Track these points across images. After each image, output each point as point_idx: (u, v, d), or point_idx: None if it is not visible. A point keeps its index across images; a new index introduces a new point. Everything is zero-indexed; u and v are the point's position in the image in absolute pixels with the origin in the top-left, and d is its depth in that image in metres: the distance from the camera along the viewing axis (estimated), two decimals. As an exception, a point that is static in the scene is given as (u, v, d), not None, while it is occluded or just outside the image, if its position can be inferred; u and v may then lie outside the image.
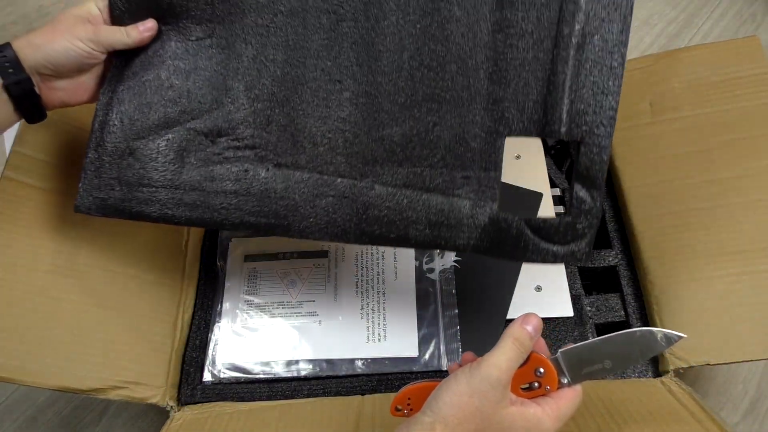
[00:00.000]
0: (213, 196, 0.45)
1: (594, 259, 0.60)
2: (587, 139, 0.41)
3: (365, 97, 0.43)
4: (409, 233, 0.44)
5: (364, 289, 0.59)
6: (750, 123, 0.56)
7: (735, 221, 0.54)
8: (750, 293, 0.51)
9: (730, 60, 0.59)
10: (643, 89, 0.63)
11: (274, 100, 0.45)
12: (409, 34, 0.42)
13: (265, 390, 0.55)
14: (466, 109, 0.43)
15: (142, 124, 0.45)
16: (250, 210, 0.45)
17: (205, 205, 0.45)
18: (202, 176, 0.45)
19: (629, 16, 0.40)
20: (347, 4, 0.43)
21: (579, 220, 0.42)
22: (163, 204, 0.45)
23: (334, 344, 0.57)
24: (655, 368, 0.54)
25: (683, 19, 0.92)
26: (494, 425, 0.34)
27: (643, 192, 0.60)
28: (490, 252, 0.45)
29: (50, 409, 0.65)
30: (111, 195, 0.45)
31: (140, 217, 0.45)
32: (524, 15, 0.41)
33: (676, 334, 0.37)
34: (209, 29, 0.45)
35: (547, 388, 0.37)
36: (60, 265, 0.48)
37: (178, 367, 0.56)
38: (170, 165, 0.44)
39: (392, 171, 0.44)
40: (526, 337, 0.36)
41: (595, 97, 0.41)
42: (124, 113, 0.45)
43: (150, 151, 0.45)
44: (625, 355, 0.37)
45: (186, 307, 0.59)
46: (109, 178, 0.45)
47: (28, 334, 0.45)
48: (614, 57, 0.41)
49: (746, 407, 0.63)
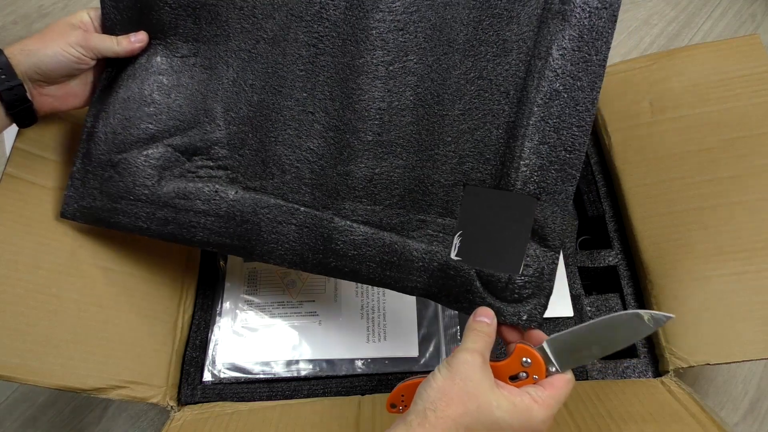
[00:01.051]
0: (184, 213, 0.45)
1: (594, 259, 0.60)
2: (544, 197, 0.41)
3: (334, 131, 0.44)
4: (362, 269, 0.45)
5: (364, 289, 0.59)
6: (750, 122, 0.56)
7: (735, 220, 0.54)
8: (750, 293, 0.51)
9: (730, 59, 0.59)
10: (643, 89, 0.63)
11: (249, 124, 0.45)
12: (381, 75, 0.43)
13: (265, 390, 0.55)
14: (428, 155, 0.43)
15: (124, 138, 0.45)
16: (217, 230, 0.46)
17: (176, 221, 0.46)
18: (175, 193, 0.45)
19: (599, 81, 0.40)
20: (327, 39, 0.43)
21: (528, 281, 0.41)
22: (138, 217, 0.46)
23: (334, 344, 0.57)
24: (655, 368, 0.54)
25: (683, 19, 0.92)
26: (483, 406, 0.35)
27: (643, 192, 0.60)
28: (440, 299, 0.44)
29: (50, 409, 0.65)
30: (93, 204, 0.46)
31: (116, 227, 0.47)
32: (493, 66, 0.42)
33: (663, 315, 0.36)
34: (195, 48, 0.46)
35: (535, 377, 0.37)
36: (61, 264, 0.48)
37: (178, 367, 0.56)
38: (148, 180, 0.45)
39: (353, 206, 0.44)
40: (482, 324, 0.38)
41: (557, 154, 0.40)
42: (109, 126, 0.46)
43: (130, 165, 0.45)
44: (612, 340, 0.37)
45: (186, 307, 0.59)
46: (92, 188, 0.46)
47: (29, 332, 0.45)
48: (582, 116, 0.40)
49: (746, 407, 0.63)
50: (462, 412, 0.34)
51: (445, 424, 0.34)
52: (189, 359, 0.57)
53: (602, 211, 0.63)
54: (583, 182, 0.65)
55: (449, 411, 0.34)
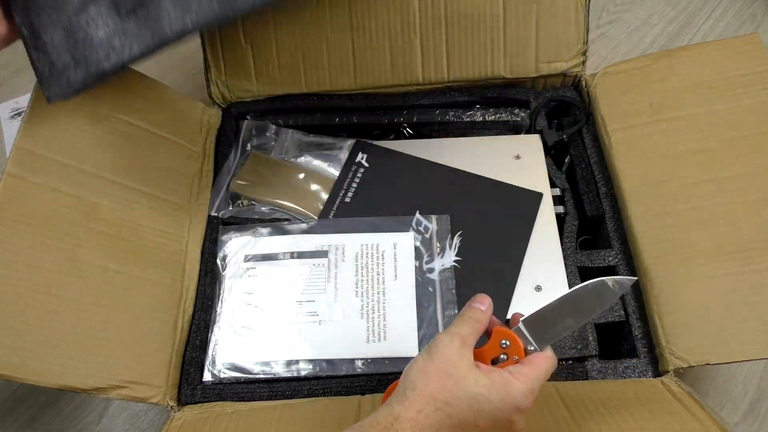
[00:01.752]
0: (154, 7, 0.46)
1: (594, 259, 0.60)
2: None
3: None
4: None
5: (364, 289, 0.59)
6: (751, 121, 0.56)
7: (735, 220, 0.54)
8: (750, 292, 0.51)
9: (730, 58, 0.59)
10: (643, 89, 0.63)
11: None
12: None
13: (265, 390, 0.55)
14: None
15: (67, 14, 0.46)
16: None
17: (146, 23, 0.46)
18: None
19: None
20: None
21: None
22: (117, 50, 0.47)
23: (334, 344, 0.57)
24: (655, 368, 0.54)
25: (683, 19, 0.92)
26: (461, 383, 0.35)
27: (643, 192, 0.60)
28: None
29: (50, 409, 0.65)
30: (71, 74, 0.47)
31: (104, 76, 0.48)
32: None
33: (627, 279, 0.39)
34: None
35: (516, 358, 0.38)
36: (61, 263, 0.48)
37: (178, 367, 0.56)
38: (107, 16, 0.46)
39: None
40: (475, 311, 0.39)
41: None
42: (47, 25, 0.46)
43: (84, 21, 0.46)
44: (583, 310, 0.39)
45: (186, 307, 0.59)
46: (63, 66, 0.47)
47: (30, 332, 0.45)
48: None
49: (746, 407, 0.63)
50: (440, 388, 0.35)
51: (423, 400, 0.35)
52: (189, 359, 0.57)
53: (602, 211, 0.63)
54: (583, 182, 0.65)
55: (428, 388, 0.35)
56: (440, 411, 0.35)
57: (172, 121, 0.64)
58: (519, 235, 0.61)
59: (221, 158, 0.68)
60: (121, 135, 0.58)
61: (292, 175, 0.67)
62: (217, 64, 0.70)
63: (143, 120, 0.60)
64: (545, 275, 0.59)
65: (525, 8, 0.66)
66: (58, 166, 0.50)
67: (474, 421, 0.35)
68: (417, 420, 0.34)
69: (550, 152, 0.69)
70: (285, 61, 0.69)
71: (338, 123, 0.71)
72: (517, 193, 0.64)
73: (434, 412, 0.35)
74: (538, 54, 0.68)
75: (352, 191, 0.66)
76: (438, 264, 0.60)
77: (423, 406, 0.35)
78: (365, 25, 0.67)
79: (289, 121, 0.72)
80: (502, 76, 0.70)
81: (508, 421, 0.36)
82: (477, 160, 0.67)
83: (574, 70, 0.69)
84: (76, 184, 0.52)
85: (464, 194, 0.64)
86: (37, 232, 0.47)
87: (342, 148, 0.69)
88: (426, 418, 0.35)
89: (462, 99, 0.71)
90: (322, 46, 0.68)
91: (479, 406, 0.35)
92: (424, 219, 0.63)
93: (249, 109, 0.72)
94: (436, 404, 0.35)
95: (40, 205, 0.48)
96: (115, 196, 0.55)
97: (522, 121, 0.70)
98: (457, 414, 0.35)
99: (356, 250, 0.61)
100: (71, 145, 0.51)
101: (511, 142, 0.69)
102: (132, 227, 0.56)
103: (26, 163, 0.48)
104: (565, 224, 0.63)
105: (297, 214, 0.65)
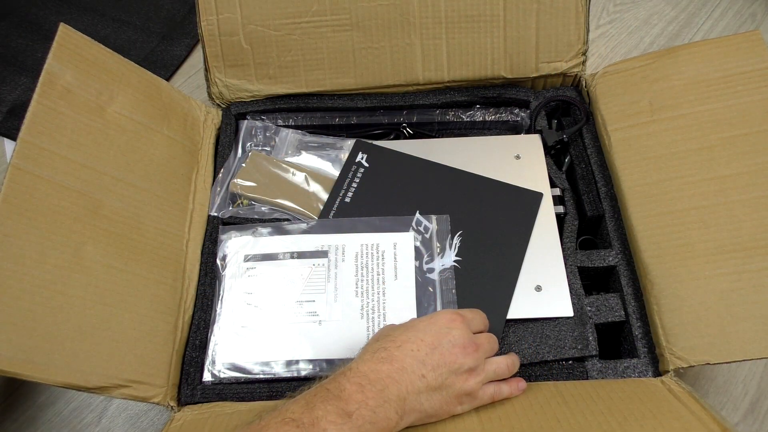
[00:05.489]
0: None
1: (594, 259, 0.60)
2: None
3: None
4: None
5: (364, 289, 0.59)
6: (751, 119, 0.56)
7: (735, 219, 0.54)
8: (751, 292, 0.51)
9: (731, 56, 0.59)
10: (643, 88, 0.63)
11: None
12: None
13: (265, 390, 0.55)
14: None
15: None
16: None
17: None
18: None
19: None
20: None
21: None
22: None
23: (334, 344, 0.57)
24: (655, 368, 0.54)
25: (683, 18, 0.92)
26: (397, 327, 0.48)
27: (643, 191, 0.59)
28: None
29: (50, 409, 0.65)
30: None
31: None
32: None
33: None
34: None
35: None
36: (66, 260, 0.48)
37: (179, 367, 0.56)
38: None
39: None
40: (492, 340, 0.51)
41: None
42: None
43: None
44: None
45: (186, 307, 0.59)
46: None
47: (35, 328, 0.44)
48: None
49: (746, 407, 0.63)
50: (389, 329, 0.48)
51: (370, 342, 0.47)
52: (189, 359, 0.57)
53: (602, 211, 0.63)
54: (583, 182, 0.65)
55: (373, 339, 0.48)
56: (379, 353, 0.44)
57: (173, 119, 0.64)
58: (519, 235, 0.61)
59: (221, 158, 0.68)
60: (123, 132, 0.58)
61: (291, 175, 0.67)
62: (217, 64, 0.70)
63: (144, 117, 0.60)
64: (545, 275, 0.59)
65: (525, 8, 0.66)
66: (63, 161, 0.49)
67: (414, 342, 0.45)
68: (358, 369, 0.43)
69: (550, 152, 0.69)
70: (285, 61, 0.69)
71: (338, 123, 0.71)
72: (517, 193, 0.64)
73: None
74: (538, 54, 0.69)
75: (352, 191, 0.66)
76: (438, 264, 0.60)
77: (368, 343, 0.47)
78: (365, 25, 0.67)
79: (289, 121, 0.72)
80: (502, 76, 0.70)
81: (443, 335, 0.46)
82: (477, 160, 0.67)
83: (574, 69, 0.69)
84: (80, 180, 0.52)
85: (464, 194, 0.64)
86: (42, 227, 0.47)
87: (342, 148, 0.69)
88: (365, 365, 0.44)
89: (462, 99, 0.71)
90: (322, 46, 0.69)
91: (411, 327, 0.46)
92: (424, 219, 0.63)
93: (249, 109, 0.72)
94: (379, 338, 0.45)
95: (45, 199, 0.47)
96: (117, 194, 0.55)
97: (522, 121, 0.71)
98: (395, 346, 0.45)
99: (356, 250, 0.61)
100: (74, 141, 0.50)
101: (511, 142, 0.69)
102: (134, 225, 0.56)
103: (31, 156, 0.47)
104: (565, 224, 0.63)
105: (297, 214, 0.65)
